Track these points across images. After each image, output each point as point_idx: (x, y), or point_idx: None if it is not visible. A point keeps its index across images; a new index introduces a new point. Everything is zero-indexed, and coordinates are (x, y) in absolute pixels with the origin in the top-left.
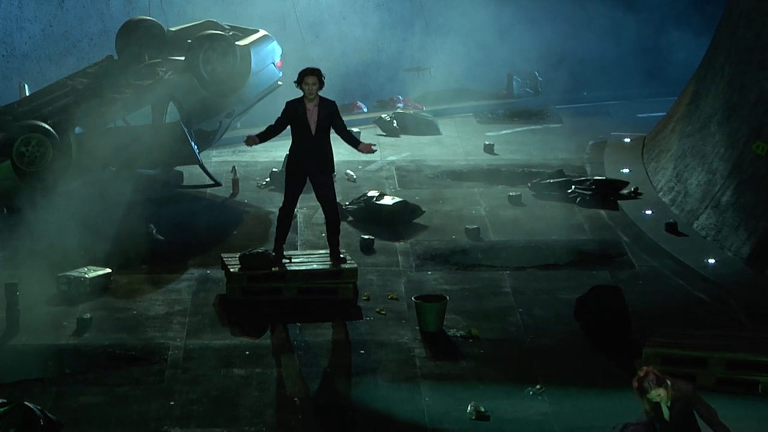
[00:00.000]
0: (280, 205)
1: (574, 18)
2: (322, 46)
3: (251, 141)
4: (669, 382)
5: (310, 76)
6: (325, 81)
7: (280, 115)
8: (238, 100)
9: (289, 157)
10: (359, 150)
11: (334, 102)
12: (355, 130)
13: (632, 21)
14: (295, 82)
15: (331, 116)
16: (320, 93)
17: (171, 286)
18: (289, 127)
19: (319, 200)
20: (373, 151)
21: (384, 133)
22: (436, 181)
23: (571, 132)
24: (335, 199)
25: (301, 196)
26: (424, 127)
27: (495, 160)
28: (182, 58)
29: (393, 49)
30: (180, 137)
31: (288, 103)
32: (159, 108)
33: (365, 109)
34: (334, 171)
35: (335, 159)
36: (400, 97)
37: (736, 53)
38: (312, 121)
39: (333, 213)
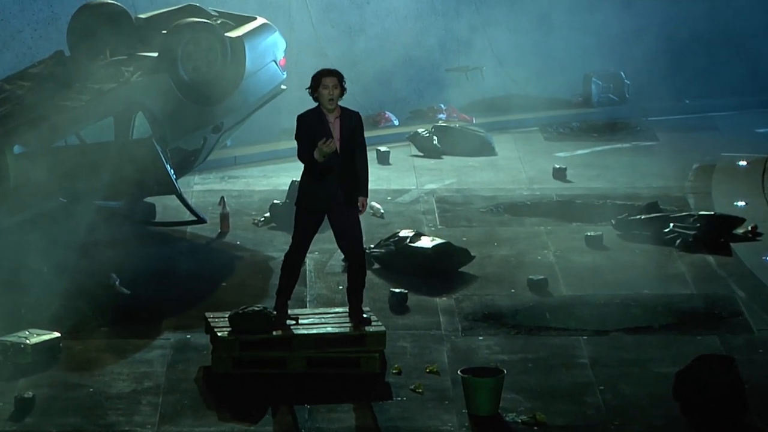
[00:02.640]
0: (286, 248)
1: None
2: (339, 38)
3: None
4: None
5: (329, 77)
6: (346, 87)
7: (299, 134)
8: (228, 110)
9: (303, 186)
10: (360, 201)
11: (358, 113)
12: (382, 149)
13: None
14: (308, 89)
15: (354, 131)
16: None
17: (139, 356)
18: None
19: (340, 242)
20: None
21: (421, 154)
22: (489, 216)
23: (669, 152)
24: (362, 240)
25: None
26: (475, 146)
27: (568, 189)
28: (155, 54)
29: (433, 42)
30: (152, 159)
31: (301, 117)
32: (124, 120)
33: (396, 122)
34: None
35: None
36: (442, 105)
37: None
38: (336, 136)
39: (359, 259)
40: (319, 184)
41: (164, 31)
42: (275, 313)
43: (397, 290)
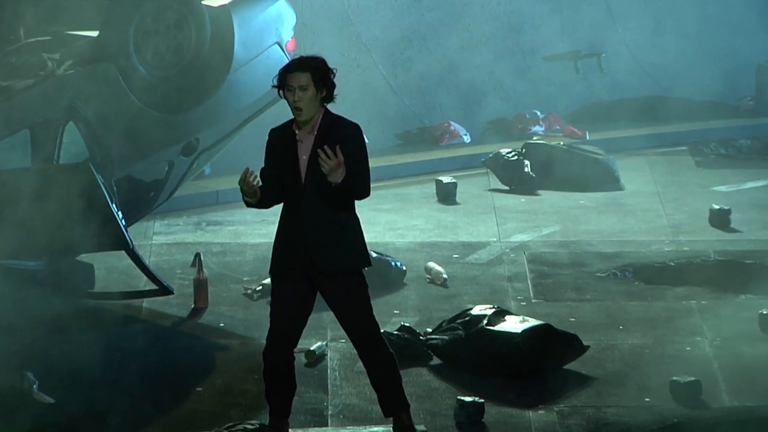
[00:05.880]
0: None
1: None
2: (377, 8)
3: (250, 186)
4: None
5: (295, 74)
6: (334, 79)
7: (264, 159)
8: (206, 120)
9: (275, 241)
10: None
11: (355, 125)
12: (445, 179)
13: None
14: (275, 86)
15: (343, 149)
16: (330, 106)
17: None
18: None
19: (339, 321)
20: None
21: (505, 187)
22: (611, 285)
23: None
24: (370, 319)
25: (317, 317)
26: (589, 175)
27: (733, 241)
28: (95, 33)
29: (524, 14)
30: (89, 195)
31: (270, 133)
32: (46, 135)
33: (466, 138)
34: (362, 264)
35: (378, 238)
36: (537, 113)
37: None
38: (305, 159)
39: (372, 341)
40: (283, 236)
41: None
42: None
43: (469, 399)
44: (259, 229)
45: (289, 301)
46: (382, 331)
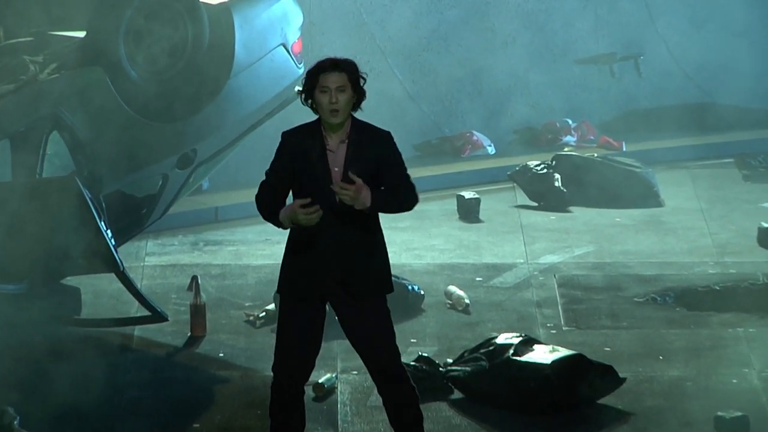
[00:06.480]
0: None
1: None
2: (393, 6)
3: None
4: None
5: (331, 74)
6: (365, 85)
7: (273, 162)
8: (204, 130)
9: (284, 259)
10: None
11: (387, 134)
12: (468, 194)
13: None
14: (299, 90)
15: (378, 161)
16: (355, 114)
17: None
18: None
19: (358, 351)
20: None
21: (534, 203)
22: (650, 311)
23: None
24: (394, 348)
25: (326, 346)
26: (625, 190)
27: None
28: (81, 33)
29: (555, 13)
30: (75, 211)
31: (287, 136)
32: (28, 145)
33: (490, 149)
34: (390, 288)
35: (394, 259)
36: (569, 121)
37: None
38: (337, 172)
39: (394, 375)
40: (303, 255)
41: None
42: None
43: None
44: (263, 249)
45: (302, 327)
46: None
